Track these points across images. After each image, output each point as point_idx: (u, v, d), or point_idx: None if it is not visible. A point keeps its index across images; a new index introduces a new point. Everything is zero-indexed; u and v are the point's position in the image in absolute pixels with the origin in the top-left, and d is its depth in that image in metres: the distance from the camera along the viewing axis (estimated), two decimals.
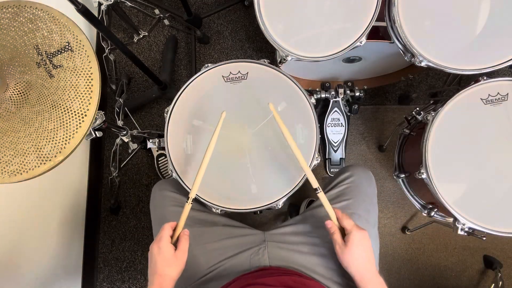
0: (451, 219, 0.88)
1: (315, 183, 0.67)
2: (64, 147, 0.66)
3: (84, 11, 0.81)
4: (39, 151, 0.66)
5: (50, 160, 0.65)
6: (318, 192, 0.66)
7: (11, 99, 0.68)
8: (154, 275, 0.60)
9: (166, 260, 0.60)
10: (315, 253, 0.72)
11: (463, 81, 1.30)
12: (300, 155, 0.67)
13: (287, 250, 0.73)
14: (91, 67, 0.69)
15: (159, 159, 1.41)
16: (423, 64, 0.83)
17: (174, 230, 0.66)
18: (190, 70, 1.49)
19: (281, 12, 0.85)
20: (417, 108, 0.95)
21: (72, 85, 0.68)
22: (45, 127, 0.67)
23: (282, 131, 0.68)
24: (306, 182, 0.77)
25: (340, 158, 1.32)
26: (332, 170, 1.32)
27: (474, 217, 0.79)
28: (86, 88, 0.68)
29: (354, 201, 0.77)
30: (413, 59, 0.84)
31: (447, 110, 0.82)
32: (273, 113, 0.69)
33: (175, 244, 0.64)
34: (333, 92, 1.24)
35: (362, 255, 0.61)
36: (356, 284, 0.62)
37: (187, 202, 0.66)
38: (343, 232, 0.64)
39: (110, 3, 1.18)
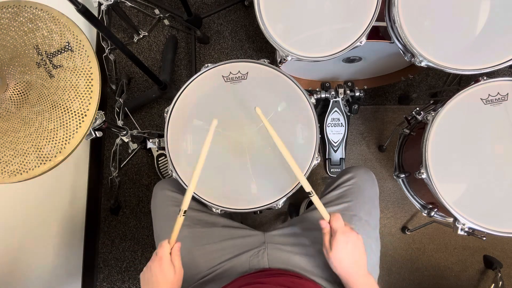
0: (451, 219, 0.88)
1: (307, 187, 0.66)
2: (64, 147, 0.66)
3: (84, 11, 0.81)
4: (39, 151, 0.66)
5: (50, 160, 0.65)
6: (311, 196, 0.65)
7: (11, 99, 0.68)
8: None
9: (169, 281, 0.60)
10: (314, 254, 0.72)
11: (463, 81, 1.30)
12: (291, 159, 0.66)
13: (287, 252, 0.73)
14: (91, 67, 0.69)
15: (159, 159, 1.41)
16: (423, 64, 0.83)
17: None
18: (190, 70, 1.49)
19: (281, 12, 0.85)
20: (417, 108, 0.95)
21: (72, 85, 0.68)
22: (45, 127, 0.67)
23: (271, 134, 0.67)
24: None
25: (340, 158, 1.32)
26: (332, 170, 1.32)
27: (474, 217, 0.79)
28: (86, 88, 0.68)
29: (355, 203, 0.77)
30: (413, 59, 0.84)
31: (447, 110, 0.82)
32: (261, 117, 0.68)
33: None
34: (333, 92, 1.24)
35: (347, 258, 0.60)
36: (344, 285, 0.62)
37: (178, 215, 0.64)
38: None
39: (110, 3, 1.18)
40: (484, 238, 0.96)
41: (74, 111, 0.67)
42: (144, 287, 0.61)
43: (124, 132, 1.15)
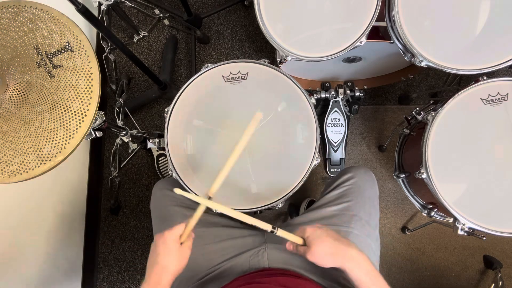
0: (451, 219, 0.88)
1: (267, 226, 0.62)
2: (64, 147, 0.66)
3: (84, 11, 0.81)
4: (39, 151, 0.66)
5: (50, 160, 0.65)
6: (275, 232, 0.62)
7: (11, 99, 0.68)
8: (154, 266, 0.57)
9: (169, 251, 0.58)
10: None
11: (463, 81, 1.30)
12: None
13: (287, 251, 0.73)
14: (91, 67, 0.69)
15: (159, 159, 1.41)
16: (423, 64, 0.83)
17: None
18: (190, 70, 1.49)
19: (281, 12, 0.85)
20: (417, 108, 0.95)
21: (72, 85, 0.68)
22: (45, 127, 0.67)
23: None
24: (307, 182, 0.77)
25: (340, 158, 1.32)
26: (332, 170, 1.32)
27: (474, 217, 0.79)
28: (86, 88, 0.68)
29: (355, 202, 0.77)
30: (413, 59, 0.84)
31: (447, 110, 0.82)
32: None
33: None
34: (333, 92, 1.24)
35: (327, 242, 0.58)
36: (346, 274, 0.58)
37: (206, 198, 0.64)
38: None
39: (110, 3, 1.18)
40: (484, 238, 0.96)
41: (74, 111, 0.67)
42: (150, 254, 0.60)
43: (124, 132, 1.15)
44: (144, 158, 1.45)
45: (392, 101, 1.45)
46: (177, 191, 0.62)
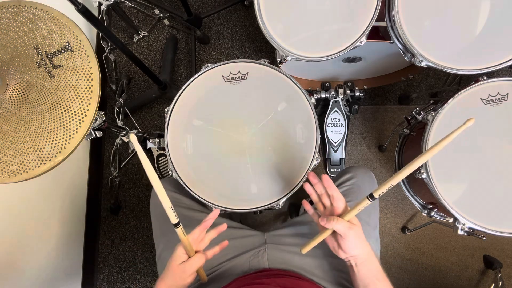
0: (451, 219, 0.88)
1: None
2: (64, 147, 0.66)
3: (84, 11, 0.81)
4: (39, 151, 0.66)
5: (50, 160, 0.65)
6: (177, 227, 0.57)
7: (11, 99, 0.68)
8: (159, 279, 0.60)
9: (169, 266, 0.60)
10: (315, 255, 0.72)
11: (463, 81, 1.30)
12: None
13: (287, 252, 0.73)
14: (91, 67, 0.69)
15: (159, 159, 1.41)
16: (423, 64, 0.83)
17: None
18: (190, 70, 1.49)
19: (281, 12, 0.85)
20: (417, 108, 0.95)
21: (72, 85, 0.68)
22: (45, 127, 0.67)
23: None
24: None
25: (340, 158, 1.32)
26: (332, 170, 1.32)
27: (474, 217, 0.79)
28: (86, 88, 0.68)
29: (355, 203, 0.77)
30: (413, 59, 0.84)
31: (447, 110, 0.82)
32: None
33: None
34: (333, 92, 1.24)
35: (359, 248, 0.59)
36: (357, 266, 0.59)
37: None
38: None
39: (110, 3, 1.18)
40: (484, 238, 0.96)
41: (74, 111, 0.67)
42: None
43: (124, 132, 1.15)
44: None
45: (392, 101, 1.45)
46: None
